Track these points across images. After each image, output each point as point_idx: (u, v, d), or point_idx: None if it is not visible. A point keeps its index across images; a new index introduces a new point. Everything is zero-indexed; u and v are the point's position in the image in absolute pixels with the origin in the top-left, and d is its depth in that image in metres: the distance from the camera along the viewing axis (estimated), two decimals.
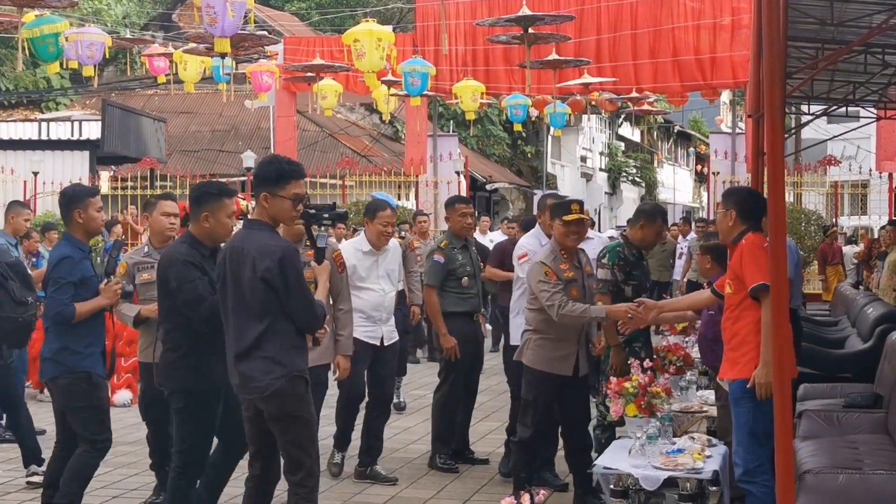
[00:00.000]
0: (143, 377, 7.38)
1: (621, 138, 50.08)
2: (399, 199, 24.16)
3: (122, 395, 11.68)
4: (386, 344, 8.48)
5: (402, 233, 12.81)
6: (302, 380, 5.61)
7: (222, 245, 6.01)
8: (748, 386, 6.04)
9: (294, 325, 5.58)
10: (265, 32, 14.86)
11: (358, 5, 37.08)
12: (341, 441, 8.64)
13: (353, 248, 8.38)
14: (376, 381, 8.55)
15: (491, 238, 17.46)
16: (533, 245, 8.30)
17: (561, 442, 7.78)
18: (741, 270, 6.19)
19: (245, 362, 5.55)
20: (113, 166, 27.83)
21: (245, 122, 32.89)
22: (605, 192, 47.67)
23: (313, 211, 6.07)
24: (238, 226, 6.39)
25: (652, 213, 7.93)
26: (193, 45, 14.23)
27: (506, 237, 14.94)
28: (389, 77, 16.88)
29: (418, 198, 23.77)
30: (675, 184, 56.97)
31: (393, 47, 14.44)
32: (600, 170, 47.29)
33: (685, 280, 17.76)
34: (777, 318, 4.81)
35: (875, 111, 19.24)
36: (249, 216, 5.89)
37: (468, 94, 17.88)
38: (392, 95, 18.55)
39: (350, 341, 7.77)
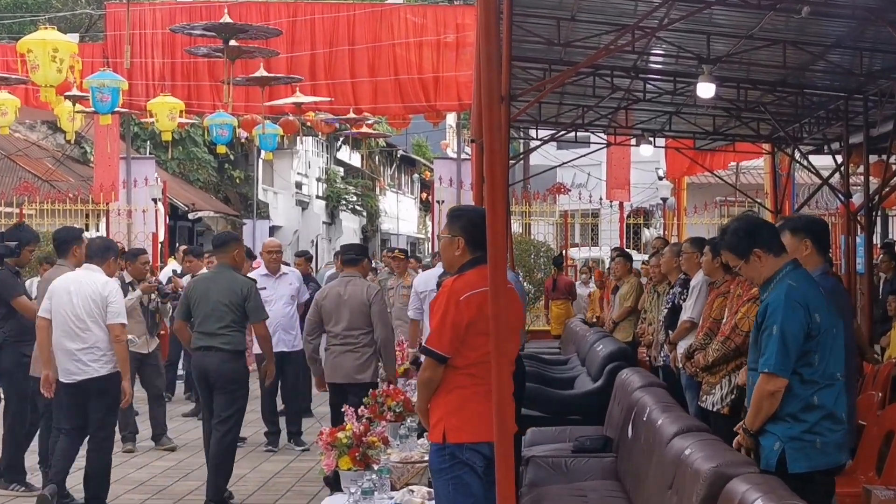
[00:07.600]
0: None
1: (340, 163, 50.42)
2: (87, 229, 23.36)
3: None
4: None
5: None
6: None
7: None
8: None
9: None
10: None
11: (41, 10, 35.89)
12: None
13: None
14: None
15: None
16: None
17: None
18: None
19: None
20: None
21: None
22: (323, 222, 47.81)
23: None
24: None
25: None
26: None
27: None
28: (75, 91, 16.40)
29: (109, 228, 23.05)
30: (399, 212, 57.83)
31: (77, 58, 14.04)
32: (317, 197, 47.42)
33: None
34: (497, 368, 4.66)
35: (605, 137, 20.20)
36: None
37: (165, 111, 17.61)
38: (78, 112, 18.03)
39: None
